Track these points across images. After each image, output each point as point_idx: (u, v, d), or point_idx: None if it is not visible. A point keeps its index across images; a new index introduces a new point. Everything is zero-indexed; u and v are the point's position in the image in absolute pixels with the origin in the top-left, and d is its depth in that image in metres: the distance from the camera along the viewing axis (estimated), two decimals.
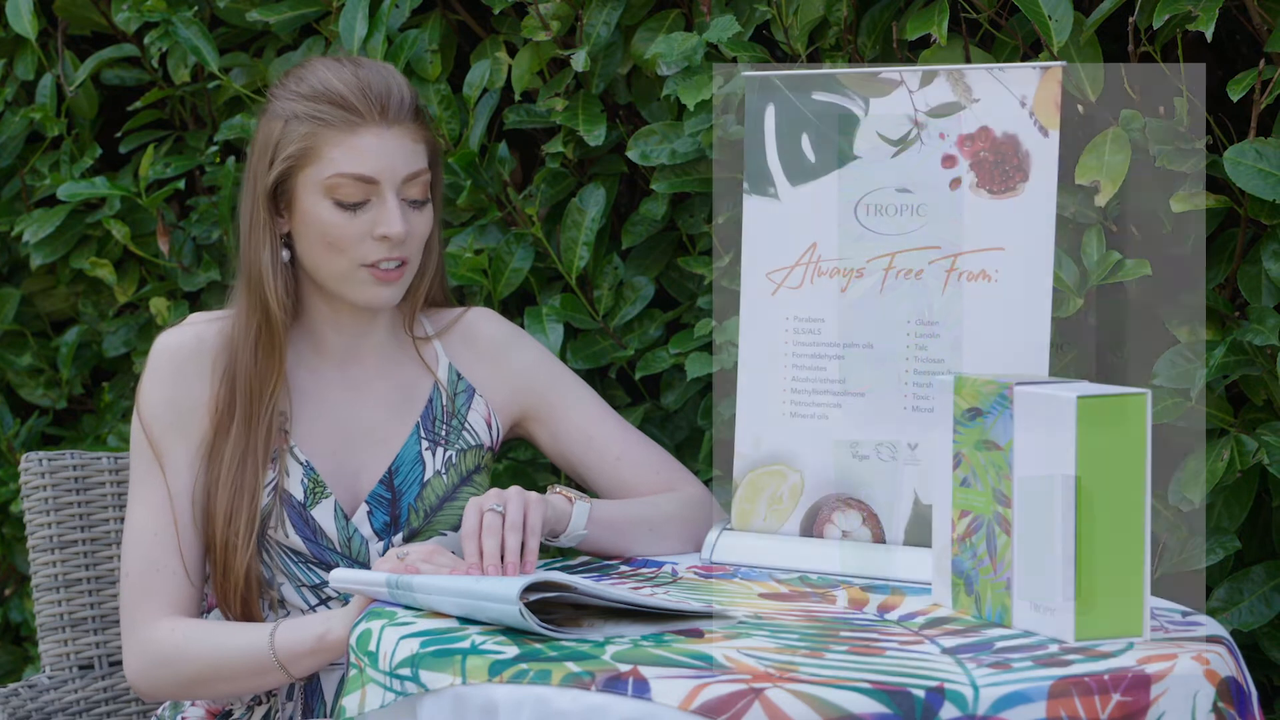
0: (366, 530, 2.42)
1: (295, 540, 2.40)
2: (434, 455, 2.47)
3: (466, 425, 2.49)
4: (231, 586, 2.38)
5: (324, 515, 2.41)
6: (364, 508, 2.42)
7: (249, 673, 2.32)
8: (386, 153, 2.36)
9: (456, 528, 2.44)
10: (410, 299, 2.50)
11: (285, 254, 2.42)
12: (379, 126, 2.36)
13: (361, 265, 2.38)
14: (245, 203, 2.45)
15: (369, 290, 2.39)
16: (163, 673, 2.36)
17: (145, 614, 2.37)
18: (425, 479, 2.45)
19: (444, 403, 2.49)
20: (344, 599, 2.37)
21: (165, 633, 2.36)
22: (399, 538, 2.43)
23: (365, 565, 2.41)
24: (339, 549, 2.41)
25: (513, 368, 2.53)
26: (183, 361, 2.42)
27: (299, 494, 2.40)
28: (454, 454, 2.47)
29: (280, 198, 2.41)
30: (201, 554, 2.41)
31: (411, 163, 2.39)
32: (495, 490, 2.27)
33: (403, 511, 2.43)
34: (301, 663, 2.29)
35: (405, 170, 2.38)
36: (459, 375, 2.50)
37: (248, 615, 2.39)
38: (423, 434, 2.47)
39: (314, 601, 2.42)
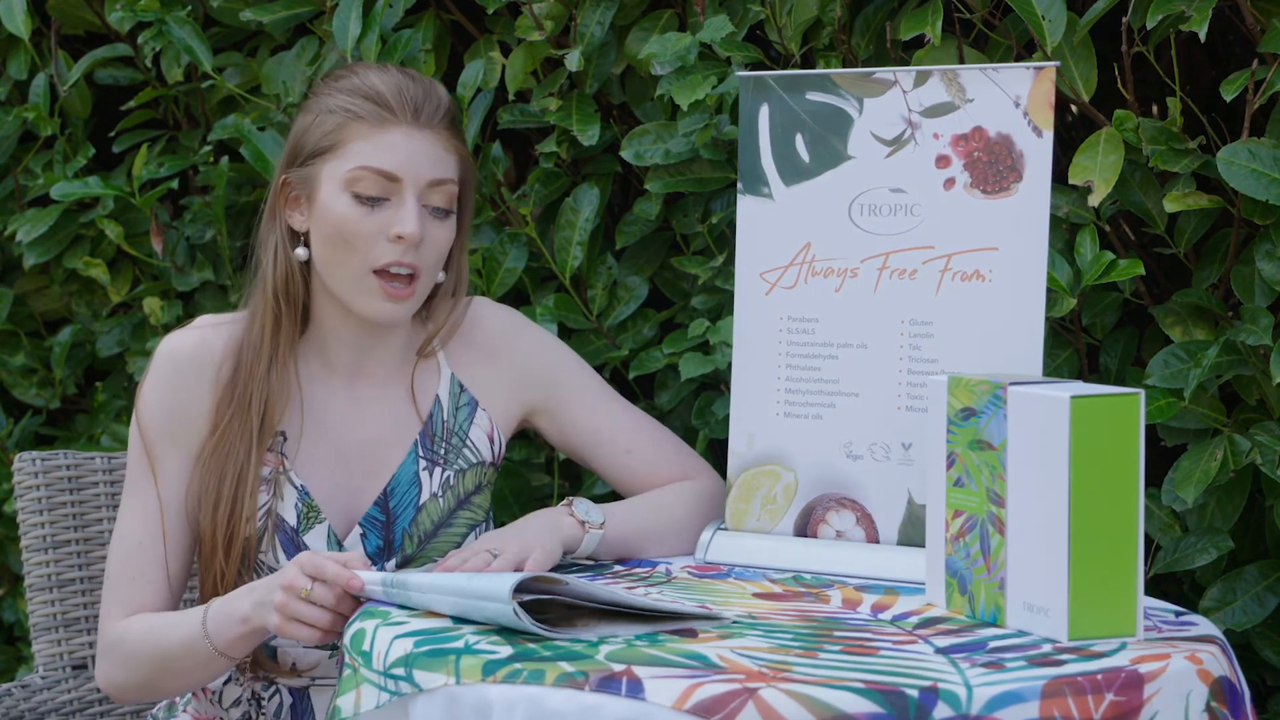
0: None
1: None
2: (431, 476, 2.40)
3: (468, 442, 2.43)
4: (221, 576, 2.32)
5: (316, 541, 2.34)
6: (357, 530, 2.37)
7: (187, 655, 2.26)
8: (413, 152, 2.32)
9: None
10: (432, 320, 2.44)
11: (303, 252, 2.36)
12: (409, 126, 2.32)
13: (371, 270, 2.31)
14: (268, 198, 2.40)
15: (376, 303, 2.32)
16: (120, 674, 2.33)
17: (116, 618, 2.34)
18: (420, 502, 2.39)
19: (444, 419, 2.42)
20: None
21: (124, 630, 2.32)
22: (391, 564, 2.38)
23: None
24: None
25: (514, 360, 2.47)
26: (185, 367, 2.36)
27: (292, 519, 2.34)
28: (452, 474, 2.40)
29: (301, 190, 2.36)
30: (187, 561, 2.38)
31: (438, 169, 2.34)
32: (500, 534, 2.23)
33: (396, 536, 2.37)
34: (234, 643, 2.24)
35: (430, 174, 2.33)
36: (461, 387, 2.44)
37: None
38: (420, 453, 2.40)
39: None
